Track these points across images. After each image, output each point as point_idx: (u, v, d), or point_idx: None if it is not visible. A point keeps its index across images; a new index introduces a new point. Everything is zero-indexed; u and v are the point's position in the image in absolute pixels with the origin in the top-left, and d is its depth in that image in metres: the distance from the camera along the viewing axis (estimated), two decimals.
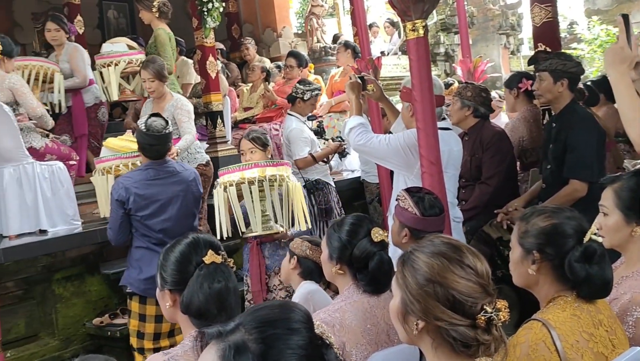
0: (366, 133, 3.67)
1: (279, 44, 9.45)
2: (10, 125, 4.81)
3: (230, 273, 2.12)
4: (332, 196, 5.66)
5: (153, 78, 5.08)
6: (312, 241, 3.30)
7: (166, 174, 3.97)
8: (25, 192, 4.93)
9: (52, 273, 4.69)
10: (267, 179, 3.70)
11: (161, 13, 5.99)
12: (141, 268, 3.90)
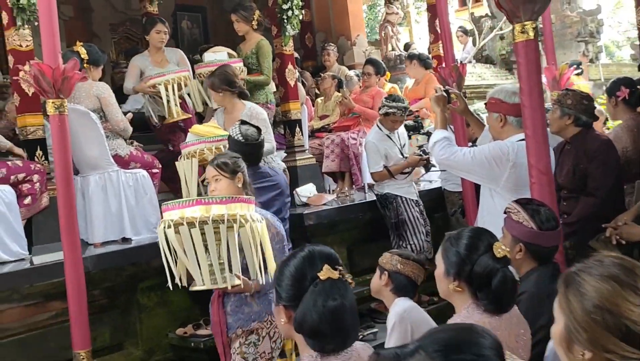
0: (450, 147, 3.59)
1: (353, 52, 9.34)
2: (97, 133, 4.82)
3: (348, 290, 1.97)
4: (404, 207, 5.43)
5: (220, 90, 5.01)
6: (402, 254, 3.15)
7: (260, 178, 3.92)
8: (110, 199, 4.94)
9: (136, 283, 4.65)
10: (211, 220, 2.79)
11: (259, 25, 6.03)
12: None
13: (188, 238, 2.86)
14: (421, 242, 5.37)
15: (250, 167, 3.86)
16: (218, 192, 3.29)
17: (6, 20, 4.69)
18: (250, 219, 2.92)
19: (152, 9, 7.77)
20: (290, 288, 1.97)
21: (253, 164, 3.90)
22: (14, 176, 4.49)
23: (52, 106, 3.52)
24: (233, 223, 2.86)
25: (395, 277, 3.09)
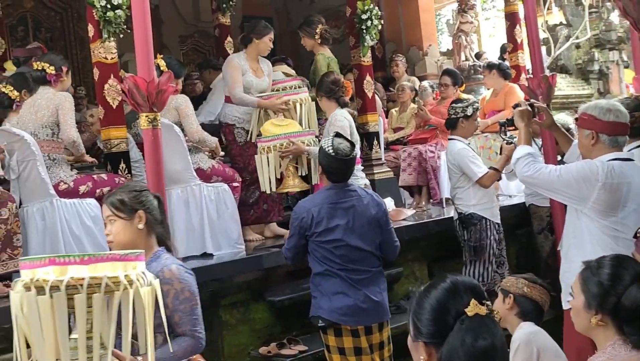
0: (535, 164, 3.42)
1: (425, 63, 9.16)
2: (181, 146, 4.76)
3: (497, 329, 1.79)
4: (488, 233, 5.10)
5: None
6: (528, 278, 2.97)
7: (349, 198, 3.74)
8: (192, 214, 4.88)
9: (219, 299, 4.56)
10: (65, 286, 1.84)
11: (323, 39, 5.82)
12: (329, 297, 3.66)
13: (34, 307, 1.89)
14: (489, 273, 5.04)
15: (339, 183, 3.75)
16: (112, 236, 2.73)
17: (92, 33, 4.68)
18: (128, 281, 1.95)
19: (225, 20, 7.74)
20: (432, 323, 1.80)
21: (342, 180, 3.76)
22: (99, 190, 4.46)
23: (146, 120, 3.47)
24: (98, 288, 1.89)
25: (521, 301, 2.93)
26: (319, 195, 3.79)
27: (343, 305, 3.59)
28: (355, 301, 3.59)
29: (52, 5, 9.18)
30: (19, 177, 4.28)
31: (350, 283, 3.62)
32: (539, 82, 5.23)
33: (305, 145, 4.83)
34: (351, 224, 3.67)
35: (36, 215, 4.26)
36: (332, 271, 3.68)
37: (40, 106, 4.37)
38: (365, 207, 3.76)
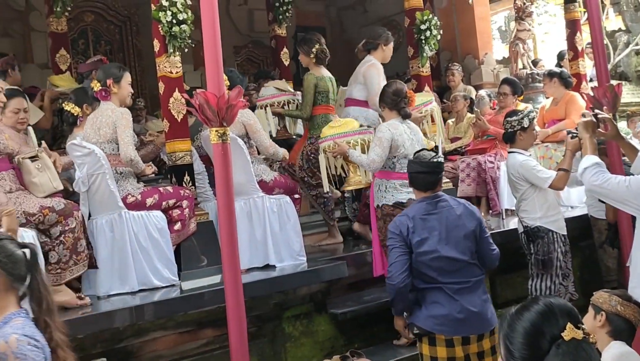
0: (603, 174, 3.33)
1: (481, 71, 9.06)
2: (244, 159, 4.81)
3: (594, 353, 1.75)
4: (555, 246, 4.94)
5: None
6: (622, 295, 2.88)
7: (440, 208, 3.72)
8: (255, 225, 4.92)
9: (282, 311, 4.58)
10: None
11: (318, 59, 5.87)
12: (425, 306, 3.65)
13: None
14: (555, 285, 4.93)
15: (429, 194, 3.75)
16: None
17: (157, 48, 4.76)
18: None
19: (281, 31, 7.81)
20: (526, 346, 1.77)
21: (429, 189, 3.76)
22: (165, 202, 4.52)
23: (216, 134, 3.50)
24: None
25: (613, 319, 2.84)
26: (412, 208, 3.79)
27: (438, 315, 3.58)
28: (451, 311, 3.56)
29: (112, 18, 9.39)
30: (88, 190, 4.37)
31: (448, 293, 3.60)
32: (604, 91, 5.11)
33: (350, 144, 4.94)
34: (444, 235, 3.66)
35: (105, 227, 4.35)
36: (428, 282, 3.67)
37: (102, 123, 4.45)
38: (458, 217, 3.74)
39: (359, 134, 5.10)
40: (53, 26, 6.52)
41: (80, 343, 3.74)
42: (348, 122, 5.29)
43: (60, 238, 3.94)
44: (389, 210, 4.71)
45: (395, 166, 4.73)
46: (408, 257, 3.62)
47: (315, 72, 5.83)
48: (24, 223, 3.82)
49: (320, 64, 5.89)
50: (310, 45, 5.84)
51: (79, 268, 4.08)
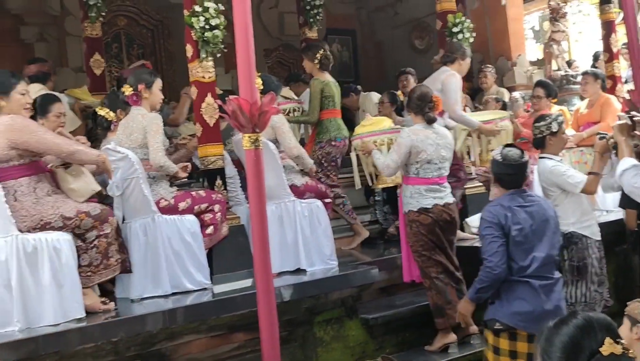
0: None
1: (513, 73, 8.96)
2: (275, 163, 4.82)
3: None
4: (590, 251, 4.85)
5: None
6: None
7: (530, 201, 3.79)
8: (286, 230, 4.93)
9: (313, 316, 4.58)
10: None
11: (322, 65, 5.94)
12: (509, 302, 3.68)
13: None
14: (591, 292, 4.84)
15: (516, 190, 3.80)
16: None
17: (190, 53, 4.79)
18: None
19: (312, 34, 7.82)
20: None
21: (515, 187, 3.82)
22: (198, 206, 4.55)
23: (248, 140, 3.50)
24: None
25: None
26: (504, 199, 3.81)
27: (523, 311, 3.61)
28: (535, 307, 3.60)
29: (144, 22, 9.49)
30: (122, 194, 4.42)
31: (534, 289, 3.64)
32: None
33: (376, 144, 5.08)
34: (536, 227, 3.72)
35: (139, 231, 4.39)
36: (516, 274, 3.70)
37: (133, 128, 4.49)
38: (545, 211, 3.81)
39: (386, 134, 5.18)
40: (88, 31, 6.62)
41: (114, 346, 3.79)
42: (378, 120, 5.39)
43: (94, 242, 3.98)
44: (414, 216, 4.70)
45: (419, 172, 4.70)
46: (506, 246, 3.67)
47: (320, 78, 5.90)
48: (61, 227, 3.87)
49: (324, 69, 5.98)
50: (315, 51, 5.94)
51: (108, 273, 4.12)
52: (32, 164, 3.93)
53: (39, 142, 3.84)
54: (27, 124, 3.88)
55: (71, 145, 3.98)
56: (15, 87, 3.94)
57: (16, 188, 3.84)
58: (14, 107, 3.93)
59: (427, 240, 4.67)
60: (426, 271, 4.69)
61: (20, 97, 3.95)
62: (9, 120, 3.84)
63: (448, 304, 4.60)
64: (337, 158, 5.88)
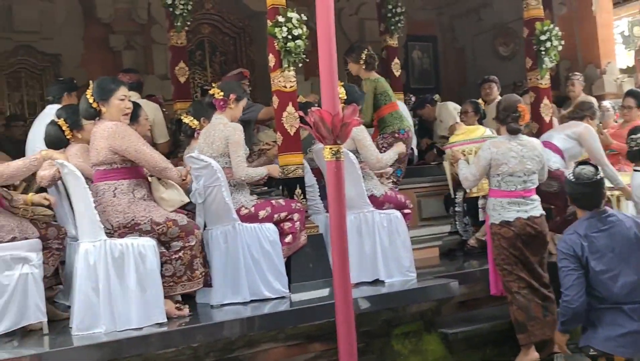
0: None
1: (602, 81, 8.62)
2: (355, 174, 4.80)
3: None
4: None
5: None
6: None
7: (610, 224, 3.65)
8: (365, 240, 4.91)
9: (391, 328, 4.54)
10: None
11: (367, 65, 5.93)
12: (603, 327, 3.60)
13: None
14: None
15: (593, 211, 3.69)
16: None
17: (272, 63, 4.84)
18: None
19: (392, 42, 7.76)
20: None
21: (592, 207, 3.71)
22: (277, 215, 4.58)
23: (330, 152, 3.49)
24: None
25: None
26: (580, 225, 3.72)
27: (618, 335, 3.54)
28: (631, 331, 3.52)
29: (227, 30, 9.65)
30: (204, 201, 4.50)
31: (625, 313, 3.54)
32: None
33: (464, 153, 5.11)
34: (618, 251, 3.60)
35: (220, 238, 4.46)
36: (605, 302, 3.61)
37: (215, 137, 4.56)
38: (629, 230, 3.66)
39: (475, 143, 5.20)
40: (173, 40, 6.77)
41: (194, 351, 3.86)
42: (471, 129, 5.44)
43: (179, 253, 4.07)
44: (497, 229, 4.60)
45: (501, 185, 4.59)
46: (584, 278, 3.58)
47: (370, 77, 5.91)
48: (149, 231, 3.99)
49: (371, 69, 5.98)
50: (359, 52, 5.95)
51: (192, 285, 4.19)
52: (133, 169, 4.07)
53: (137, 151, 3.99)
54: (129, 133, 4.02)
55: (164, 162, 4.12)
56: (114, 93, 4.07)
57: (117, 186, 4.02)
58: (113, 113, 4.07)
59: (509, 253, 4.56)
60: (508, 286, 4.58)
61: (119, 102, 4.08)
62: (112, 126, 3.99)
63: (531, 320, 4.47)
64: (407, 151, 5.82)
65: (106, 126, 4.01)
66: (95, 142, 4.04)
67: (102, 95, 4.06)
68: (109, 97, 4.05)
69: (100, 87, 4.09)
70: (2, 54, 8.14)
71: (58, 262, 4.19)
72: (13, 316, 3.79)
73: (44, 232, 4.03)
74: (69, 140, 4.44)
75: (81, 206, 3.95)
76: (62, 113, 4.47)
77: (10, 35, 8.10)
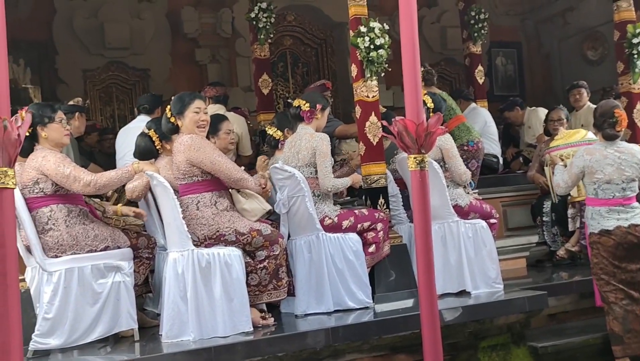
0: None
1: None
2: (439, 182, 4.74)
3: None
4: None
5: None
6: None
7: None
8: (449, 251, 4.83)
9: (478, 341, 4.45)
10: None
11: (426, 80, 5.93)
12: None
13: None
14: None
15: None
16: None
17: (355, 73, 4.85)
18: None
19: (476, 49, 7.67)
20: None
21: None
22: (360, 224, 4.57)
23: (414, 161, 3.47)
24: None
25: None
26: None
27: None
28: None
29: (309, 41, 9.76)
30: (288, 212, 4.54)
31: None
32: None
33: (562, 158, 5.05)
34: None
35: (303, 248, 4.48)
36: None
37: (301, 147, 4.58)
38: None
39: (573, 147, 5.16)
40: (257, 52, 6.90)
41: (279, 360, 3.89)
42: (571, 133, 5.42)
43: (264, 262, 4.12)
44: (595, 238, 4.43)
45: (597, 193, 4.41)
46: None
47: (432, 91, 5.72)
48: (234, 242, 4.06)
49: (430, 84, 5.99)
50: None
51: (278, 293, 4.24)
52: (213, 180, 4.14)
53: (212, 162, 4.05)
54: (204, 145, 4.08)
55: (239, 172, 4.15)
56: (189, 106, 4.14)
57: (199, 199, 4.10)
58: (189, 125, 4.14)
59: (608, 262, 4.39)
60: (604, 296, 4.41)
61: (193, 114, 4.14)
62: (188, 140, 4.08)
63: (628, 332, 4.29)
64: (467, 162, 5.68)
65: (183, 140, 4.09)
66: (175, 157, 4.14)
67: (178, 109, 4.15)
68: (184, 110, 4.12)
69: (177, 101, 4.19)
70: (95, 70, 8.52)
71: (148, 270, 4.32)
72: (106, 323, 3.93)
73: (135, 242, 4.16)
74: (159, 151, 4.57)
75: (169, 216, 4.06)
76: (152, 125, 4.62)
77: (102, 52, 8.47)
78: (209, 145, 4.14)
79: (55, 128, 4.01)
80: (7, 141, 2.70)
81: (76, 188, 3.88)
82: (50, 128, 4.00)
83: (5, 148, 2.69)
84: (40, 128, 3.97)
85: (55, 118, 4.02)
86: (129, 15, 8.56)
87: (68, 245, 3.87)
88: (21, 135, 2.77)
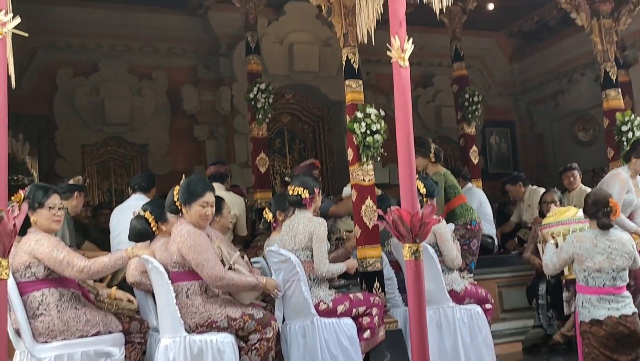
0: None
1: None
2: (434, 268, 4.74)
3: None
4: None
5: None
6: None
7: None
8: (445, 336, 4.80)
9: None
10: None
11: (437, 158, 5.90)
12: None
13: None
14: None
15: None
16: None
17: (351, 157, 4.93)
18: None
19: (470, 130, 7.77)
20: None
21: None
22: (356, 309, 4.55)
23: (409, 251, 3.48)
24: None
25: None
26: None
27: None
28: None
29: (306, 119, 9.91)
30: (283, 295, 4.52)
31: None
32: None
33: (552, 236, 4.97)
34: None
35: (298, 333, 4.45)
36: None
37: (298, 230, 4.59)
38: None
39: (563, 225, 5.06)
40: (255, 132, 7.01)
41: None
42: (562, 210, 5.33)
43: (255, 345, 4.08)
44: (586, 328, 4.37)
45: (588, 280, 4.38)
46: None
47: (439, 171, 5.88)
48: (226, 327, 4.02)
49: (438, 162, 5.97)
50: (428, 146, 5.91)
51: None
52: None
53: (198, 265, 3.99)
54: (198, 243, 4.02)
55: (221, 272, 4.02)
56: (198, 199, 4.12)
57: (189, 287, 4.07)
58: (193, 216, 4.13)
59: (599, 353, 4.32)
60: None
61: (200, 208, 4.12)
62: (185, 234, 4.04)
63: None
64: (469, 241, 5.70)
65: (180, 231, 4.07)
66: (170, 243, 4.13)
67: (186, 199, 4.14)
68: (192, 202, 4.12)
69: (186, 190, 4.16)
70: (93, 145, 8.61)
71: (140, 355, 4.26)
72: None
73: (127, 326, 4.11)
74: (155, 233, 4.56)
75: (163, 301, 4.04)
76: (148, 206, 4.61)
77: (102, 127, 8.58)
78: (203, 244, 4.04)
79: (44, 214, 3.95)
80: (3, 232, 2.71)
81: (69, 273, 3.86)
82: (38, 214, 3.94)
83: (1, 239, 2.69)
84: (30, 212, 3.88)
85: (45, 204, 3.95)
86: (129, 92, 8.72)
87: (59, 330, 3.82)
88: (17, 225, 2.78)
